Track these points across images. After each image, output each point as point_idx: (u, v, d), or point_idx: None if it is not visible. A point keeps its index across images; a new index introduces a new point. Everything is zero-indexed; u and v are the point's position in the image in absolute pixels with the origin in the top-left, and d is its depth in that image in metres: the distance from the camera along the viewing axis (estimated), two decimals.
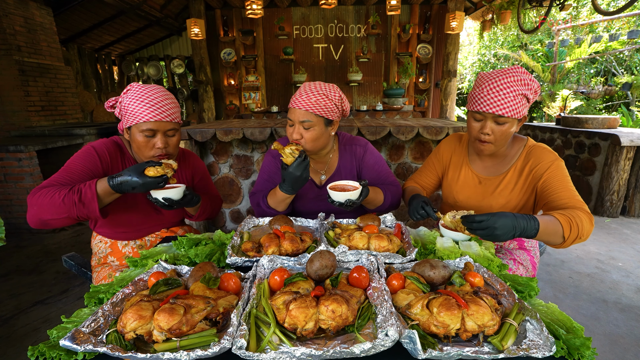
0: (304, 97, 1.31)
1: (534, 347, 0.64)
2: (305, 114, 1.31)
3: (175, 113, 1.26)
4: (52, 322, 2.06)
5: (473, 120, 1.23)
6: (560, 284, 2.42)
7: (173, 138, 1.29)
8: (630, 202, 3.70)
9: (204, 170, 1.57)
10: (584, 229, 1.04)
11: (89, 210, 1.09)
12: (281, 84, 6.59)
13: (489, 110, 1.14)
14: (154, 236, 1.45)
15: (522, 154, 1.29)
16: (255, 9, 4.88)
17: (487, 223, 0.96)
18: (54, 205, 1.06)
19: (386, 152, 2.73)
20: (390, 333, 0.65)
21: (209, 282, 0.81)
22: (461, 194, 1.40)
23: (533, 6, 4.81)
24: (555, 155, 1.22)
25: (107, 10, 5.77)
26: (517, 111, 1.14)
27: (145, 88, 1.22)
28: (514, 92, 1.11)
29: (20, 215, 3.50)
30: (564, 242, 1.06)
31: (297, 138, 1.34)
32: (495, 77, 1.14)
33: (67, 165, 1.20)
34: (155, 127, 1.20)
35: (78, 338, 0.65)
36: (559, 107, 7.30)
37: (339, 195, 1.22)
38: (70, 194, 1.07)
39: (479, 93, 1.17)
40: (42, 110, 4.55)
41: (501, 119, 1.16)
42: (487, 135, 1.20)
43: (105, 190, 1.10)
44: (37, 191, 1.09)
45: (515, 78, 1.12)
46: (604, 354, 1.74)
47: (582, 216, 1.05)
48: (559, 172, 1.19)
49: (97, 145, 1.27)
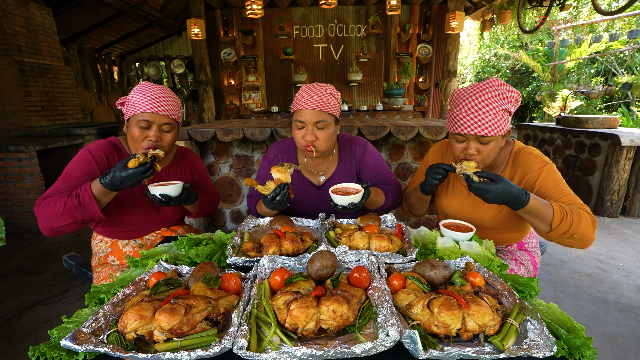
0: (314, 97, 1.29)
1: (535, 347, 0.64)
2: (320, 114, 1.30)
3: (173, 109, 1.26)
4: (53, 322, 2.06)
5: (455, 142, 1.17)
6: (560, 284, 2.42)
7: (168, 134, 1.28)
8: (631, 202, 3.70)
9: (202, 168, 1.57)
10: (579, 226, 1.02)
11: (90, 211, 1.11)
12: (281, 84, 6.59)
13: (471, 132, 1.08)
14: (154, 235, 1.45)
15: (508, 161, 1.24)
16: (255, 9, 4.88)
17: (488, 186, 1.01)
18: (58, 213, 1.09)
19: (386, 152, 2.73)
20: (391, 333, 0.65)
21: (209, 282, 0.81)
22: (450, 207, 1.36)
23: (533, 6, 4.80)
24: (543, 160, 1.17)
25: (107, 10, 5.77)
26: (500, 128, 1.08)
27: (152, 85, 1.25)
28: (494, 109, 1.06)
29: (21, 215, 3.50)
30: (550, 231, 1.05)
31: (311, 140, 1.32)
32: (473, 95, 1.08)
33: (66, 172, 1.22)
34: (150, 118, 1.21)
35: (79, 338, 0.65)
36: (559, 107, 7.30)
37: (342, 199, 1.20)
38: (70, 199, 1.09)
39: (457, 114, 1.11)
40: (42, 110, 4.55)
41: (484, 139, 1.10)
42: (472, 155, 1.14)
43: (100, 190, 1.11)
44: (40, 202, 1.13)
45: (493, 94, 1.06)
46: (605, 354, 1.74)
47: (582, 214, 1.04)
48: (550, 177, 1.14)
49: (92, 148, 1.27)
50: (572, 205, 1.08)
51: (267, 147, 2.71)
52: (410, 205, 1.47)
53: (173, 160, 1.46)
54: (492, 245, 1.11)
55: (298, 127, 1.35)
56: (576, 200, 1.11)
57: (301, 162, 1.54)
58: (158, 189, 1.18)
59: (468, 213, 1.31)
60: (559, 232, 1.04)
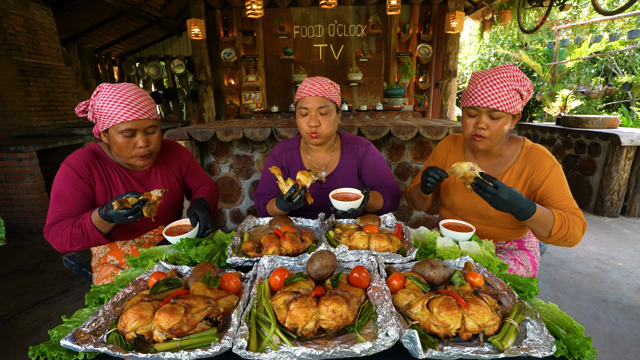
0: (316, 85, 1.37)
1: (534, 347, 0.64)
2: (322, 99, 1.37)
3: (152, 109, 1.23)
4: (53, 322, 2.06)
5: (467, 117, 1.23)
6: (560, 283, 2.42)
7: (153, 135, 1.26)
8: (631, 201, 3.70)
9: (189, 158, 1.54)
10: (573, 233, 1.10)
11: (96, 239, 1.16)
12: (281, 84, 6.59)
13: (483, 105, 1.15)
14: (152, 233, 1.45)
15: (519, 155, 1.28)
16: (255, 9, 4.88)
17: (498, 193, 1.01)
18: (67, 242, 1.15)
19: (386, 152, 2.73)
20: (390, 333, 0.65)
21: (209, 282, 0.81)
22: (457, 196, 1.39)
23: (533, 6, 4.80)
24: (553, 160, 1.22)
25: (107, 10, 5.77)
26: (511, 106, 1.14)
27: (117, 87, 1.18)
28: (507, 87, 1.13)
29: (21, 215, 3.50)
30: (549, 237, 1.12)
31: (315, 125, 1.38)
32: (489, 74, 1.16)
33: (56, 193, 1.21)
34: (134, 126, 1.18)
35: (79, 338, 0.65)
36: (559, 107, 7.30)
37: (342, 205, 1.22)
38: (74, 229, 1.14)
39: (473, 89, 1.18)
40: (43, 110, 4.55)
41: (495, 114, 1.16)
42: (482, 129, 1.19)
43: (99, 221, 1.14)
44: (48, 230, 1.18)
45: (508, 74, 1.14)
46: (604, 354, 1.74)
47: (577, 221, 1.11)
48: (557, 179, 1.19)
49: (71, 161, 1.23)
50: (569, 210, 1.14)
51: (267, 147, 2.71)
52: (412, 200, 1.51)
53: (158, 157, 1.42)
54: (492, 245, 1.12)
55: (302, 114, 1.40)
56: (573, 204, 1.17)
57: (304, 159, 1.57)
58: (175, 239, 1.12)
59: (474, 201, 1.33)
60: (556, 238, 1.11)
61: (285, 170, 1.57)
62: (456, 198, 1.39)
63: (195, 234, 1.18)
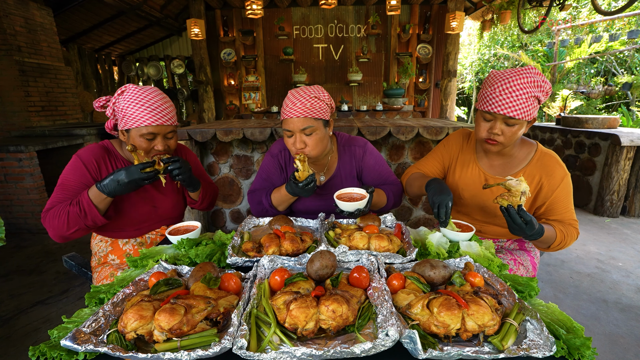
0: (297, 104, 1.28)
1: (534, 347, 0.64)
2: (304, 120, 1.29)
3: (174, 116, 1.28)
4: (53, 322, 2.06)
5: (482, 120, 1.22)
6: (560, 284, 2.42)
7: (172, 140, 1.31)
8: (631, 202, 3.70)
9: (195, 160, 1.60)
10: (567, 243, 1.21)
11: (92, 216, 1.17)
12: (281, 84, 6.58)
13: (501, 112, 1.13)
14: (153, 233, 1.46)
15: (533, 159, 1.28)
16: (255, 9, 4.88)
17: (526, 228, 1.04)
18: (64, 223, 1.16)
19: (386, 152, 2.73)
20: (390, 333, 0.65)
21: (209, 282, 0.81)
22: (467, 191, 1.39)
23: (533, 6, 4.80)
24: (565, 170, 1.23)
25: (107, 10, 5.77)
26: (528, 113, 1.12)
27: (144, 91, 1.22)
28: (527, 94, 1.10)
29: (21, 215, 3.50)
30: (547, 249, 1.23)
31: (301, 147, 1.32)
32: (509, 78, 1.12)
33: (61, 182, 1.25)
34: (156, 130, 1.22)
35: (79, 338, 0.65)
36: (559, 107, 7.30)
37: (348, 206, 1.21)
38: (72, 207, 1.16)
39: (491, 93, 1.15)
40: (43, 110, 4.55)
41: (511, 121, 1.14)
42: (497, 135, 1.19)
43: (97, 196, 1.16)
44: (45, 214, 1.19)
45: (528, 80, 1.10)
46: (604, 354, 1.74)
47: (573, 233, 1.21)
48: (565, 190, 1.23)
49: (82, 154, 1.28)
50: (568, 222, 1.23)
51: (267, 147, 2.71)
52: (409, 186, 1.48)
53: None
54: (492, 245, 1.12)
55: (287, 135, 1.36)
56: (573, 215, 1.24)
57: None
58: (176, 238, 1.14)
59: (484, 199, 1.34)
60: (553, 249, 1.21)
61: (284, 170, 1.56)
62: (466, 194, 1.40)
63: (198, 234, 1.19)
